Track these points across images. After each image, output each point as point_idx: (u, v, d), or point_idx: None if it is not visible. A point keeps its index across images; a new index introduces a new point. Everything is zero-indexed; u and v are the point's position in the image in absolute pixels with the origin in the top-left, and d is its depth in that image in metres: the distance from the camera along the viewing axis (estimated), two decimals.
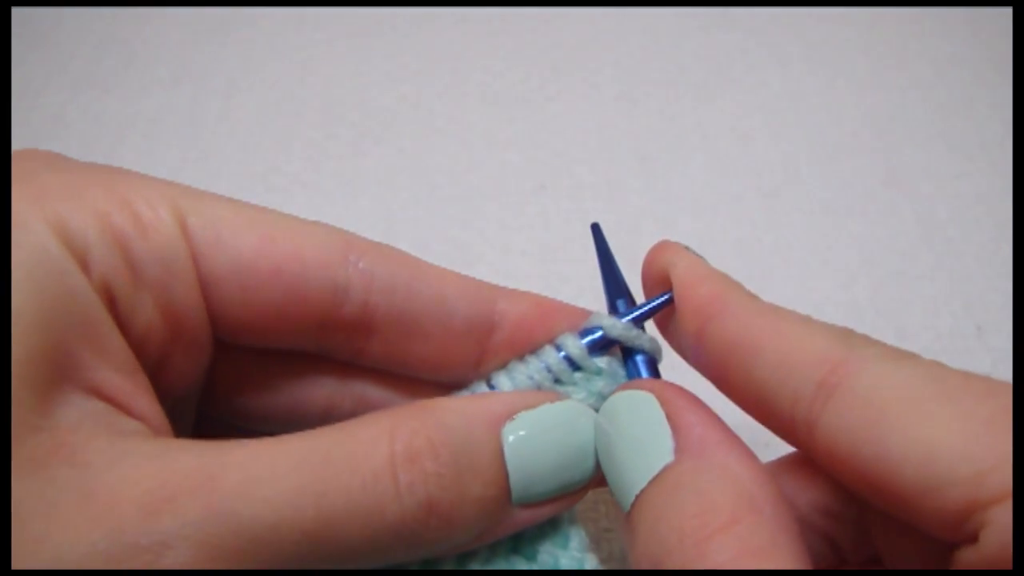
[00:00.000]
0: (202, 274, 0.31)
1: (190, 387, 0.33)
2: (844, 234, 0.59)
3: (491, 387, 0.33)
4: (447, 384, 0.35)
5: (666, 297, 0.34)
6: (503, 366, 0.34)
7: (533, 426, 0.30)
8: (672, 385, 0.30)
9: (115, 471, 0.25)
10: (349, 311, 0.32)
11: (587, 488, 0.31)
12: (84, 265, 0.28)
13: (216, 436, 0.36)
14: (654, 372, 0.34)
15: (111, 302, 0.29)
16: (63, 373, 0.26)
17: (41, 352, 0.26)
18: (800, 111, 0.68)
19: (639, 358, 0.34)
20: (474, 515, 0.28)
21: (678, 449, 0.27)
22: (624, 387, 0.31)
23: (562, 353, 0.33)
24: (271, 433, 0.35)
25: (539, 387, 0.33)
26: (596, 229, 0.36)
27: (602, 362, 0.33)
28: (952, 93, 0.69)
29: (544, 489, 0.30)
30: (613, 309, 0.35)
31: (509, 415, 0.30)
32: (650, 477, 0.27)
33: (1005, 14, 0.74)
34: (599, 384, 0.33)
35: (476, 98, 0.70)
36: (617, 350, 0.34)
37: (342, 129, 0.67)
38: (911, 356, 0.28)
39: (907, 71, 0.71)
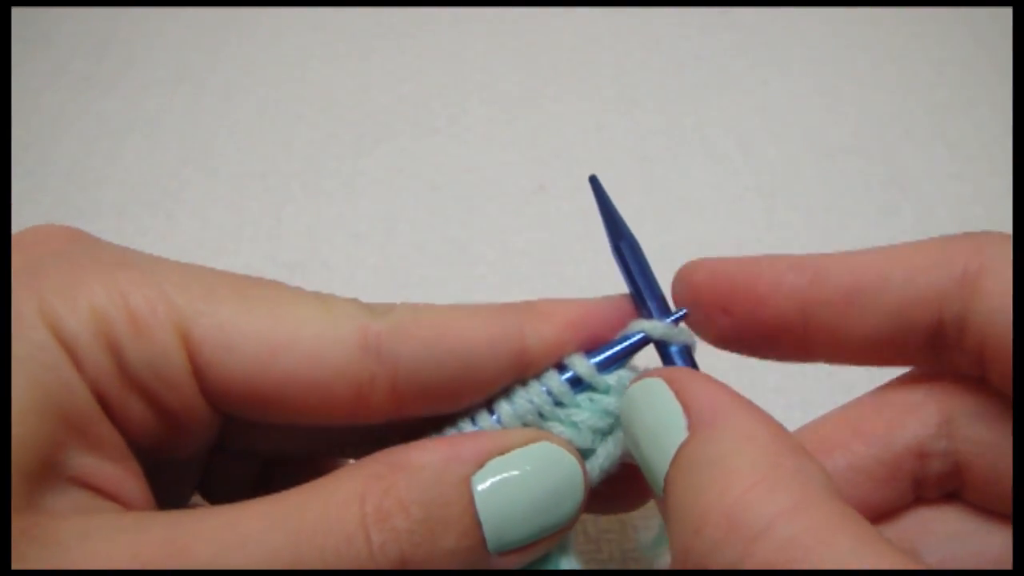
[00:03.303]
0: (210, 380, 0.30)
1: (195, 455, 0.33)
2: (844, 234, 0.59)
3: (491, 412, 0.32)
4: None
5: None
6: (505, 391, 0.33)
7: (504, 473, 0.29)
8: (682, 368, 0.30)
9: (86, 547, 0.25)
10: (376, 398, 0.31)
11: (570, 527, 0.31)
12: (76, 363, 0.28)
13: (233, 473, 0.37)
14: (690, 361, 0.33)
15: (102, 400, 0.29)
16: (49, 462, 0.27)
17: (30, 442, 0.26)
18: (800, 111, 0.68)
19: (673, 350, 0.33)
20: (449, 566, 0.28)
21: (691, 425, 0.27)
22: (636, 379, 0.30)
23: (567, 374, 0.33)
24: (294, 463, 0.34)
25: (539, 411, 0.32)
26: (594, 181, 0.36)
27: (612, 379, 0.33)
28: (952, 93, 0.69)
29: (521, 535, 0.29)
30: (617, 252, 0.35)
31: (479, 463, 0.29)
32: (669, 459, 0.27)
33: (1005, 14, 0.74)
34: (604, 402, 0.32)
35: (476, 98, 0.70)
36: (632, 364, 0.34)
37: (342, 129, 0.67)
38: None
39: (907, 71, 0.71)
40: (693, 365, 0.33)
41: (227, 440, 0.34)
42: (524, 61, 0.73)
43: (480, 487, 0.29)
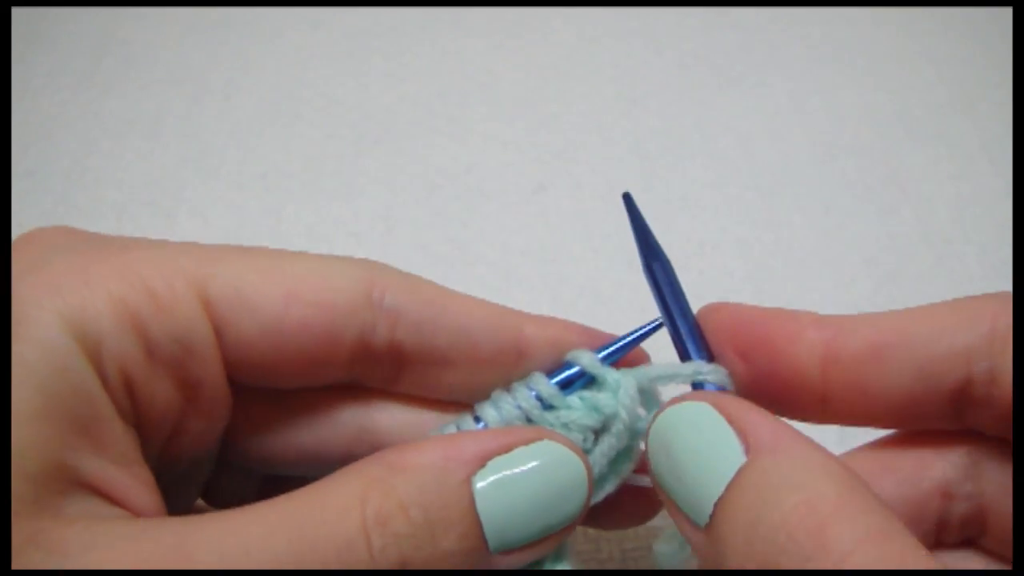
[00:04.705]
0: (227, 340, 0.30)
1: (207, 447, 0.33)
2: (844, 234, 0.59)
3: (477, 420, 0.32)
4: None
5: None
6: (488, 397, 0.33)
7: (505, 472, 0.29)
8: (725, 395, 0.30)
9: (91, 555, 0.25)
10: (377, 348, 0.32)
11: (574, 526, 0.31)
12: (97, 355, 0.28)
13: (237, 485, 0.37)
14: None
15: (129, 386, 0.29)
16: (58, 467, 0.27)
17: (38, 447, 0.26)
18: (800, 111, 0.68)
19: (709, 387, 0.32)
20: (449, 567, 0.28)
21: (750, 449, 0.27)
22: (673, 401, 0.30)
23: (556, 377, 0.33)
24: (296, 477, 0.34)
25: (527, 416, 0.32)
26: (628, 199, 0.35)
27: (609, 376, 0.33)
28: (952, 93, 0.69)
29: (523, 535, 0.29)
30: (649, 272, 0.34)
31: (480, 462, 0.29)
32: (726, 482, 0.27)
33: (1005, 14, 0.74)
34: (597, 399, 0.32)
35: (476, 98, 0.70)
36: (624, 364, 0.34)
37: (342, 129, 0.67)
38: None
39: (907, 71, 0.71)
40: None
41: (230, 453, 0.35)
42: (524, 61, 0.73)
43: (481, 487, 0.28)
